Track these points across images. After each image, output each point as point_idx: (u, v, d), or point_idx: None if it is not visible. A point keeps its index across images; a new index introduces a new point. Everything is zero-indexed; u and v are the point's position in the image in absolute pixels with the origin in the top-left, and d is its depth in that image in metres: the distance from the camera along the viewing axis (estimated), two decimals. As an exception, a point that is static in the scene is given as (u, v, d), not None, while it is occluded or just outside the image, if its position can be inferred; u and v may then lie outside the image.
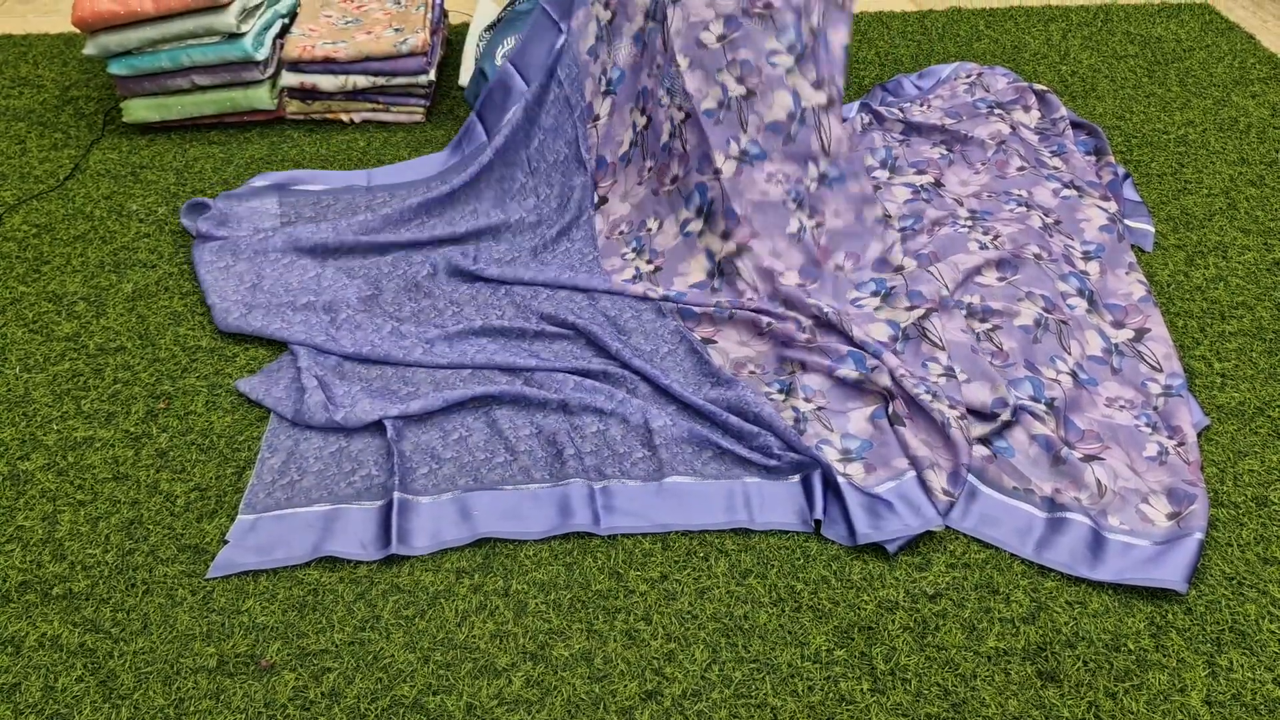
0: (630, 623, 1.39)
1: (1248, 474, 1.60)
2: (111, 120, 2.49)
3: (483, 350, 1.80)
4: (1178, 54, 2.86)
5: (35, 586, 1.44)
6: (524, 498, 1.55)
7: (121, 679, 1.32)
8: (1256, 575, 1.45)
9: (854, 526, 1.48)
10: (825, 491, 1.54)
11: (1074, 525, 1.49)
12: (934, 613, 1.40)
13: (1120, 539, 1.47)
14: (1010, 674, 1.33)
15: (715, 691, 1.31)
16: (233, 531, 1.50)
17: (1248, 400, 1.73)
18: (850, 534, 1.49)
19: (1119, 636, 1.37)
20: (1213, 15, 3.08)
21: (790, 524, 1.51)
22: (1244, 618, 1.40)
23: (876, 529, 1.48)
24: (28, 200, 2.21)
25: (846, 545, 1.48)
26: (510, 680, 1.32)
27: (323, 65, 2.38)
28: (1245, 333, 1.87)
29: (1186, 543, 1.45)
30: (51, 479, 1.59)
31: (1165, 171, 2.33)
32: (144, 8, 2.21)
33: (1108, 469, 1.55)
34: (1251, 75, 2.74)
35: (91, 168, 2.32)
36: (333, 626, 1.38)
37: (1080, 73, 2.75)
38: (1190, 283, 1.99)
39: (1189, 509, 1.49)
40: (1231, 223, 2.17)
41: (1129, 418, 1.67)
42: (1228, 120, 2.53)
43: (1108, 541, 1.46)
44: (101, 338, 1.85)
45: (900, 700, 1.29)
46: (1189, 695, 1.30)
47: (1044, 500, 1.53)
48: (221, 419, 1.69)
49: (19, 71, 2.70)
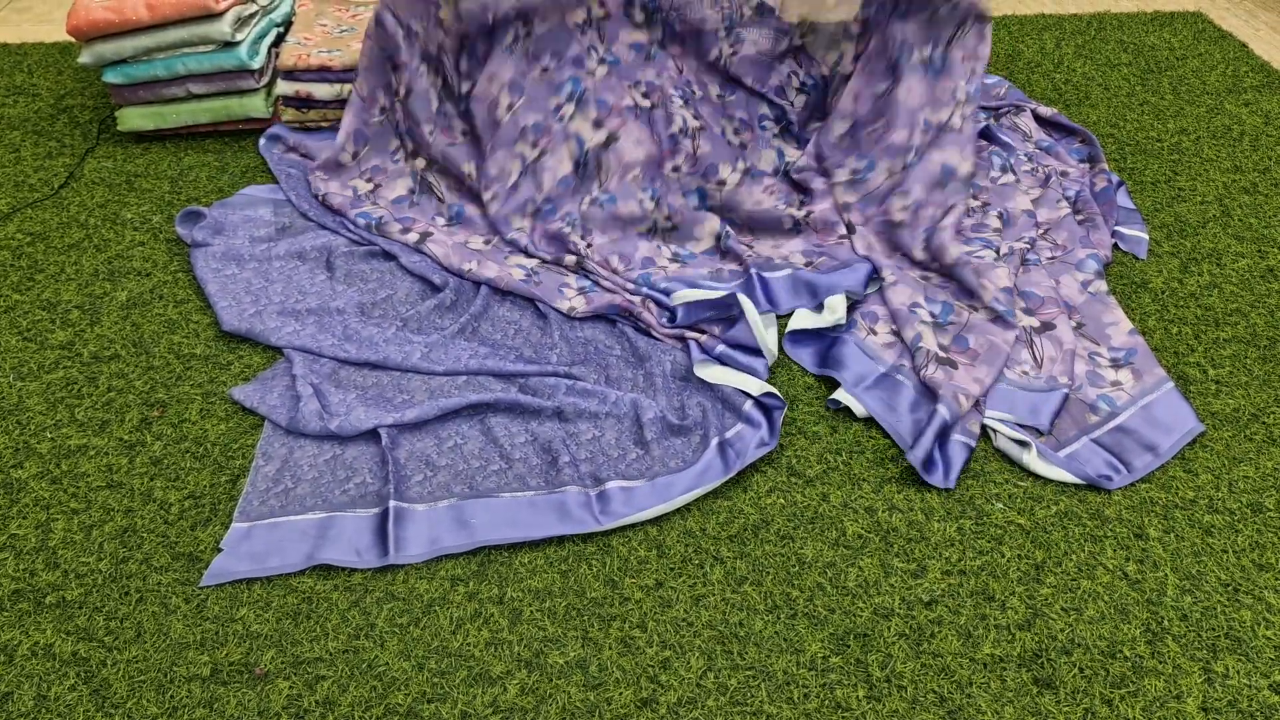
0: (625, 630, 1.39)
1: (1243, 480, 1.61)
2: (106, 128, 2.49)
3: (475, 355, 1.80)
4: (1171, 62, 2.87)
5: (28, 595, 1.43)
6: (520, 505, 1.55)
7: (115, 687, 1.31)
8: (1252, 581, 1.45)
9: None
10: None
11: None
12: (930, 620, 1.40)
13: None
14: (1006, 681, 1.32)
15: (711, 699, 1.31)
16: (227, 539, 1.49)
17: (1242, 407, 1.73)
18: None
19: (1115, 643, 1.37)
20: (1205, 24, 3.09)
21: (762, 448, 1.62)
22: (1240, 624, 1.40)
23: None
24: (22, 208, 2.21)
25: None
26: (505, 688, 1.32)
27: (317, 74, 2.38)
28: (1240, 339, 1.88)
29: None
30: (45, 487, 1.59)
31: (1159, 179, 2.34)
32: (139, 16, 2.21)
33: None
34: (1244, 83, 2.75)
35: (86, 176, 2.32)
36: (327, 635, 1.38)
37: (1074, 81, 2.76)
38: (1184, 289, 2.00)
39: None
40: (1225, 230, 2.17)
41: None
42: (1221, 128, 2.54)
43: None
44: (96, 346, 1.84)
45: (896, 707, 1.29)
46: (1185, 702, 1.30)
47: None
48: (216, 427, 1.68)
49: (14, 80, 2.70)
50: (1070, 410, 1.70)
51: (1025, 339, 1.80)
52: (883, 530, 1.52)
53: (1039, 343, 1.79)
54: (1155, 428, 1.67)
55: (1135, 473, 1.60)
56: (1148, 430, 1.66)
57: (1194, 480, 1.61)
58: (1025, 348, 1.79)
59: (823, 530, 1.52)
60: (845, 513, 1.55)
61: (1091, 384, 1.74)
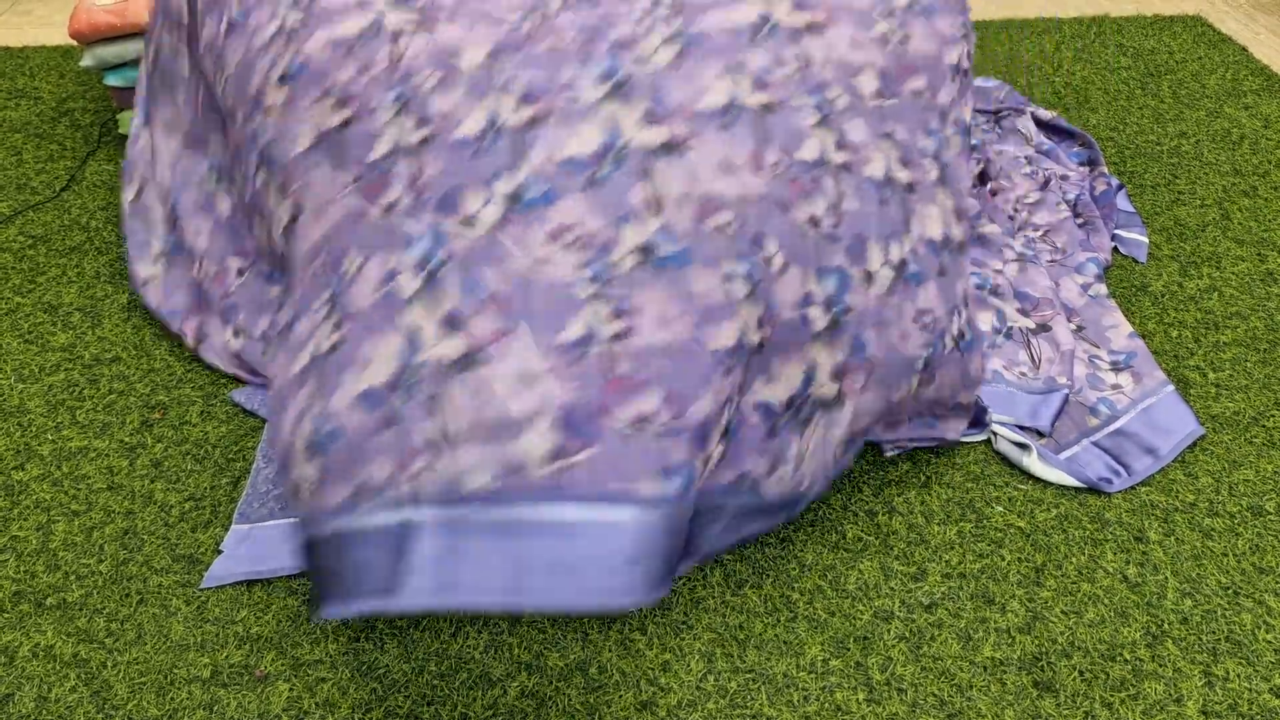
0: (625, 633, 1.39)
1: (1243, 484, 1.61)
2: (108, 132, 2.49)
3: None
4: (1171, 66, 2.87)
5: (29, 597, 1.43)
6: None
7: (115, 689, 1.31)
8: (1252, 585, 1.45)
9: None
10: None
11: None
12: (930, 623, 1.40)
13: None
14: (1006, 684, 1.32)
15: (710, 702, 1.31)
16: (227, 541, 1.49)
17: (1242, 410, 1.74)
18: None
19: (1115, 646, 1.37)
20: (1205, 28, 3.09)
21: None
22: (1240, 627, 1.40)
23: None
24: (24, 211, 2.21)
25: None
26: (505, 690, 1.32)
27: (319, 77, 2.38)
28: (1240, 343, 1.88)
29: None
30: (46, 489, 1.59)
31: (1159, 182, 2.34)
32: (140, 19, 2.21)
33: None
34: (1244, 87, 2.75)
35: (88, 179, 2.32)
36: (327, 637, 1.38)
37: (1074, 84, 2.76)
38: (1184, 293, 2.00)
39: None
40: (1225, 233, 2.17)
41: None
42: (1220, 132, 2.55)
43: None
44: (97, 348, 1.85)
45: (896, 710, 1.29)
46: (1185, 705, 1.30)
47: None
48: (216, 429, 1.69)
49: (15, 83, 2.70)
50: (1070, 413, 1.70)
51: (1022, 340, 1.80)
52: (883, 533, 1.52)
53: (1036, 344, 1.79)
54: (1155, 431, 1.67)
55: (1135, 476, 1.60)
56: (1148, 433, 1.66)
57: (1194, 483, 1.61)
58: (1023, 348, 1.79)
59: (822, 533, 1.52)
60: (845, 516, 1.55)
61: (1091, 387, 1.75)
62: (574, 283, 1.15)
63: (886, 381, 1.35)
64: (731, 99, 1.27)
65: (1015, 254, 1.97)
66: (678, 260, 1.15)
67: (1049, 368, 1.75)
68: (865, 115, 1.37)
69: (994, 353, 1.78)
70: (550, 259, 1.17)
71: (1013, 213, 2.13)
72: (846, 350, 1.28)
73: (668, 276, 1.14)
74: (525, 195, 1.21)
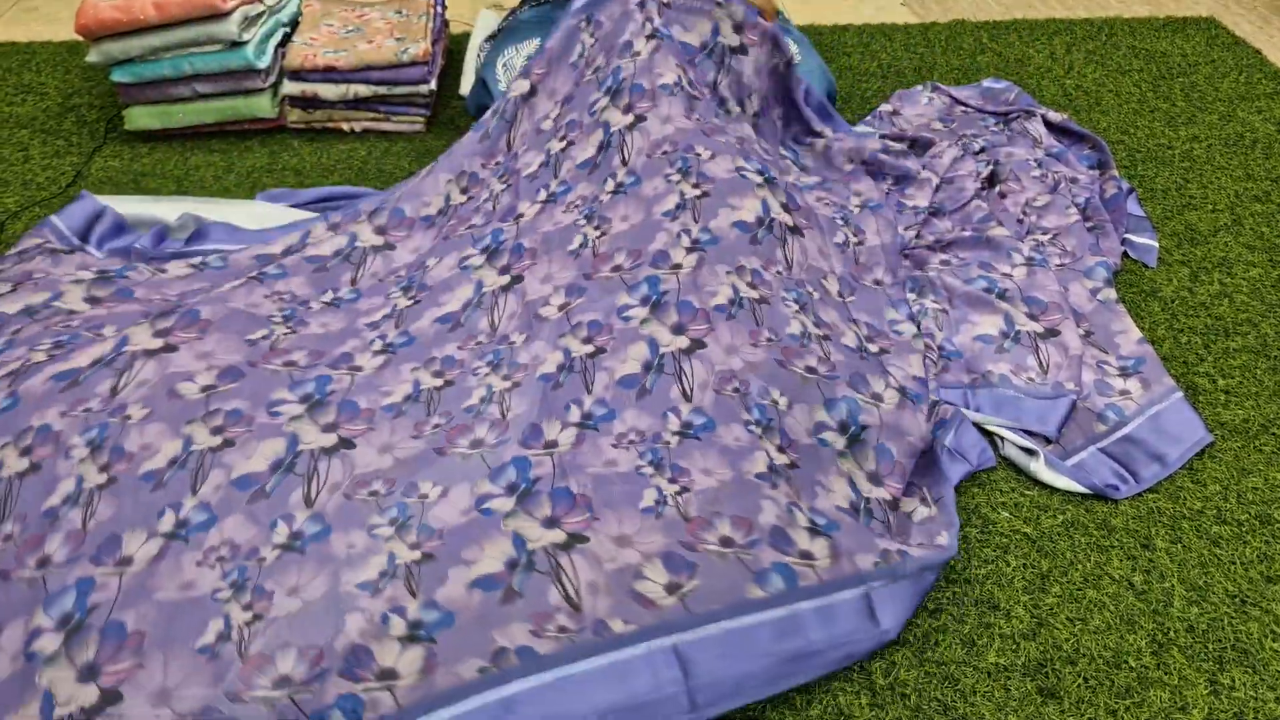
0: (626, 636, 1.38)
1: (1251, 491, 1.59)
2: (114, 128, 2.49)
3: None
4: (1183, 69, 2.85)
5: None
6: None
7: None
8: (1260, 593, 1.44)
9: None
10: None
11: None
12: (934, 628, 1.38)
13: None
14: (1010, 690, 1.31)
15: (711, 706, 1.29)
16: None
17: (1252, 418, 1.72)
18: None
19: (1120, 653, 1.35)
20: (1219, 30, 3.08)
21: None
22: (1247, 636, 1.38)
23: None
24: (30, 207, 2.21)
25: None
26: (503, 693, 1.31)
27: (324, 74, 2.38)
28: (1250, 349, 1.86)
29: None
30: (45, 486, 1.58)
31: (1170, 187, 2.33)
32: (147, 15, 2.21)
33: None
34: (1258, 90, 2.73)
35: (93, 175, 2.32)
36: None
37: (1085, 87, 2.74)
38: (1195, 299, 1.98)
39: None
40: (1237, 239, 2.16)
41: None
42: (1233, 135, 2.53)
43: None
44: (99, 344, 1.84)
45: (899, 715, 1.28)
46: (1190, 714, 1.29)
47: None
48: (217, 427, 1.68)
49: (22, 79, 2.70)
50: (1078, 419, 1.69)
51: (1030, 345, 1.78)
52: (886, 537, 1.51)
53: (1044, 349, 1.78)
54: (1163, 438, 1.65)
55: (1143, 483, 1.59)
56: (1156, 440, 1.65)
57: (1202, 491, 1.59)
58: (1031, 353, 1.77)
59: (826, 537, 1.51)
60: (849, 519, 1.54)
61: (1099, 393, 1.73)
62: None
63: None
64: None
65: (1024, 258, 1.95)
66: (708, 428, 1.44)
67: (1057, 373, 1.73)
68: (836, 307, 1.75)
69: (1002, 357, 1.77)
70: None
71: (1021, 216, 2.11)
72: (874, 460, 1.51)
73: (704, 440, 1.42)
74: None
